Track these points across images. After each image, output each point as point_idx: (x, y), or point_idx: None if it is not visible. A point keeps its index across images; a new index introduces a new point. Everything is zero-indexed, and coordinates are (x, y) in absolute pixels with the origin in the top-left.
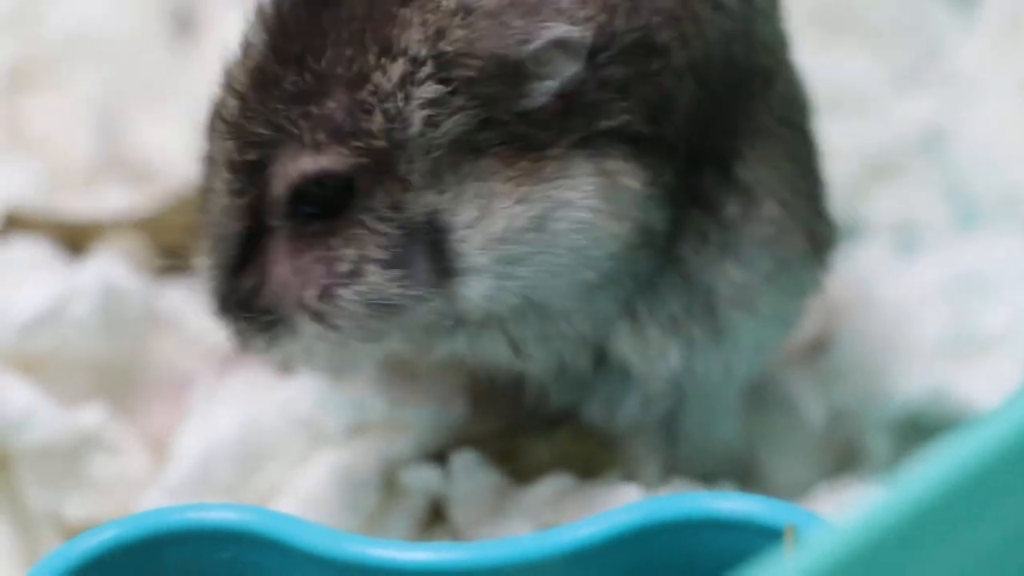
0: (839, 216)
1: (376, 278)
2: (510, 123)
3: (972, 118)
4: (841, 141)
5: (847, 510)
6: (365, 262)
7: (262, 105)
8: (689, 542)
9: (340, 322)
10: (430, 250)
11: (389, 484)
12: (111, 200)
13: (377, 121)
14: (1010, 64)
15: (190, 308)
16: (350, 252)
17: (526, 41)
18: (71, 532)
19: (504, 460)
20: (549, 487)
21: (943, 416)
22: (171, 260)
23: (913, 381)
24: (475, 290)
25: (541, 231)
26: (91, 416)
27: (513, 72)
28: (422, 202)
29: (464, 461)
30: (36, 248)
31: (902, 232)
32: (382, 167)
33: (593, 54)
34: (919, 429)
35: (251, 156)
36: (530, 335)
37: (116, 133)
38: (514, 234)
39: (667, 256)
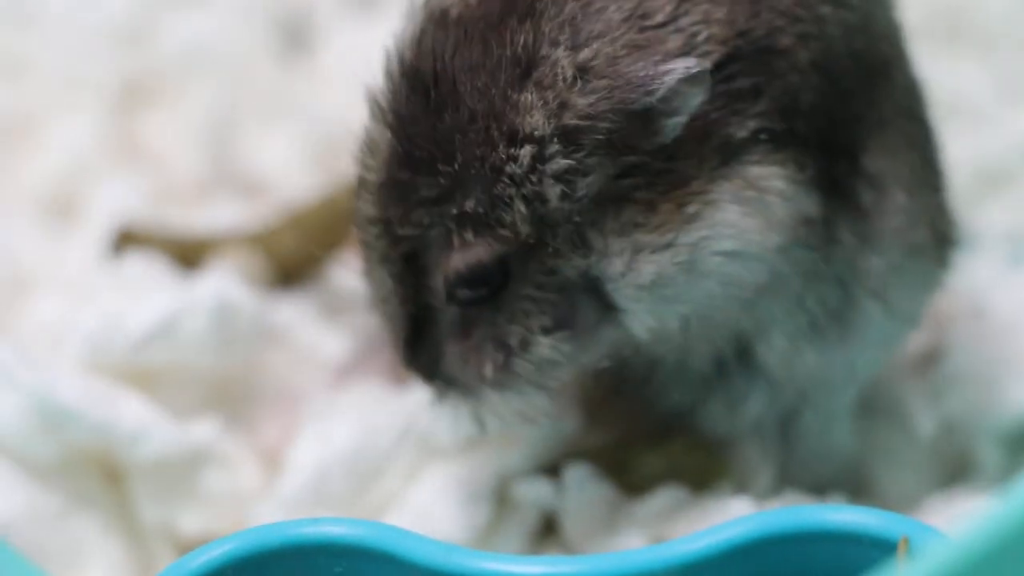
0: None
1: (545, 343)
2: (648, 162)
3: None
4: (953, 151)
5: (960, 522)
6: (532, 332)
7: (403, 209)
8: (802, 555)
9: (520, 388)
10: (591, 296)
11: (502, 497)
12: (223, 215)
13: (517, 208)
14: None
15: (303, 322)
16: (516, 327)
17: (650, 91)
18: (185, 546)
19: (616, 473)
20: (661, 500)
21: None
22: (284, 274)
23: None
24: (636, 325)
25: (691, 273)
26: (205, 430)
27: (641, 119)
28: (573, 264)
29: (576, 474)
30: (149, 263)
31: (1014, 242)
32: (529, 244)
33: (720, 67)
34: None
35: (402, 253)
36: (696, 336)
37: (228, 148)
38: (664, 280)
39: (828, 243)
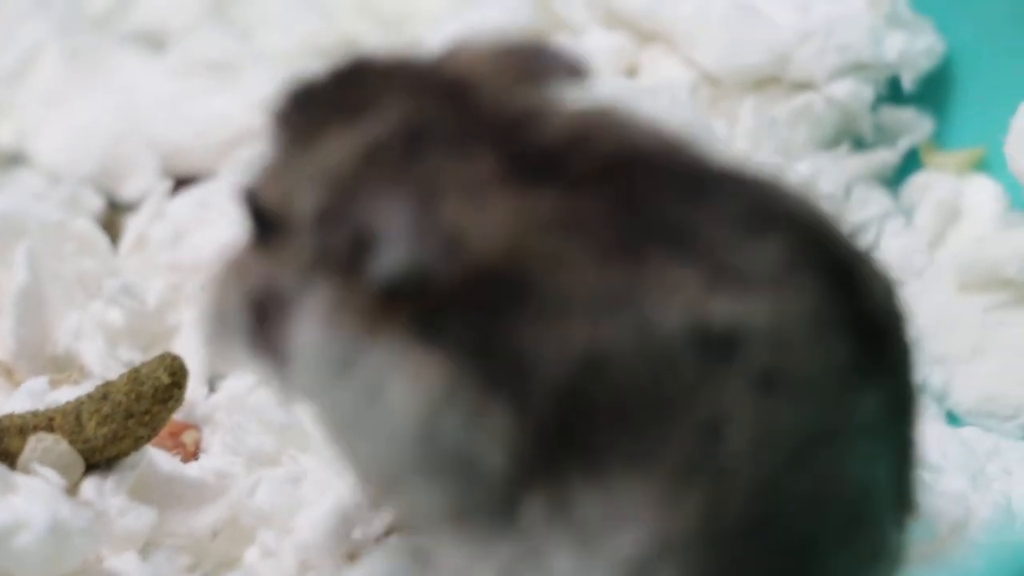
0: None
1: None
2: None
3: None
4: None
5: None
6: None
7: None
8: None
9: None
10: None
11: None
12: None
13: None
14: None
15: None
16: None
17: (365, 217)
18: None
19: None
20: None
21: None
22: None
23: None
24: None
25: (344, 373)
26: None
27: (352, 234)
28: (291, 275)
29: None
30: None
31: None
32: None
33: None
34: None
35: None
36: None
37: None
38: (321, 356)
39: (508, 504)
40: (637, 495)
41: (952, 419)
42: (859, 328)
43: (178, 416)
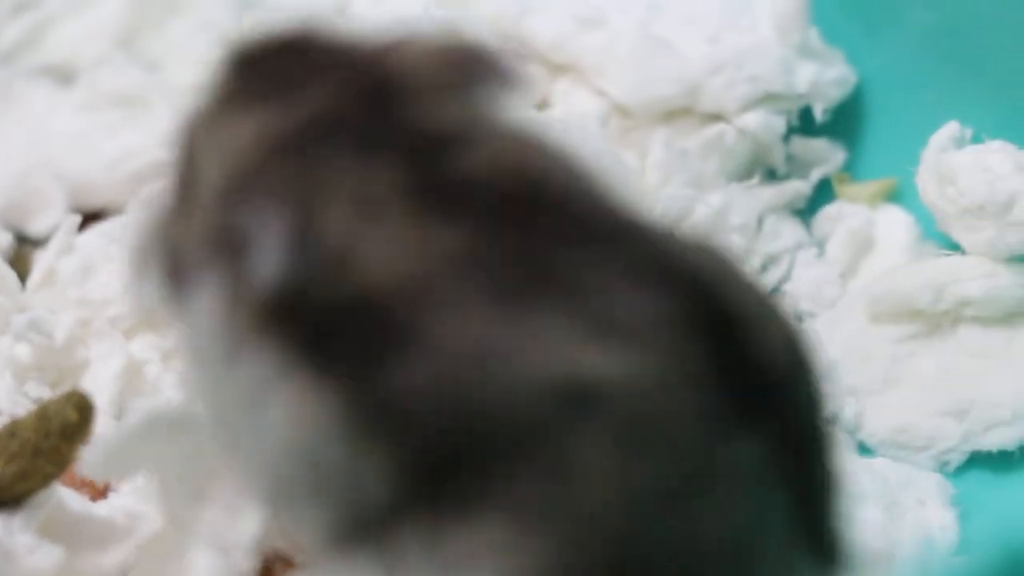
0: None
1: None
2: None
3: None
4: None
5: None
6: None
7: None
8: None
9: None
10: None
11: None
12: None
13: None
14: None
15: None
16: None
17: (243, 216)
18: None
19: None
20: None
21: None
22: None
23: None
24: None
25: (231, 365)
26: None
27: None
28: (195, 245)
29: None
30: None
31: None
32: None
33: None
34: None
35: None
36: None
37: None
38: (211, 339)
39: (381, 536)
40: (496, 536)
41: (864, 450)
42: (735, 382)
43: None
